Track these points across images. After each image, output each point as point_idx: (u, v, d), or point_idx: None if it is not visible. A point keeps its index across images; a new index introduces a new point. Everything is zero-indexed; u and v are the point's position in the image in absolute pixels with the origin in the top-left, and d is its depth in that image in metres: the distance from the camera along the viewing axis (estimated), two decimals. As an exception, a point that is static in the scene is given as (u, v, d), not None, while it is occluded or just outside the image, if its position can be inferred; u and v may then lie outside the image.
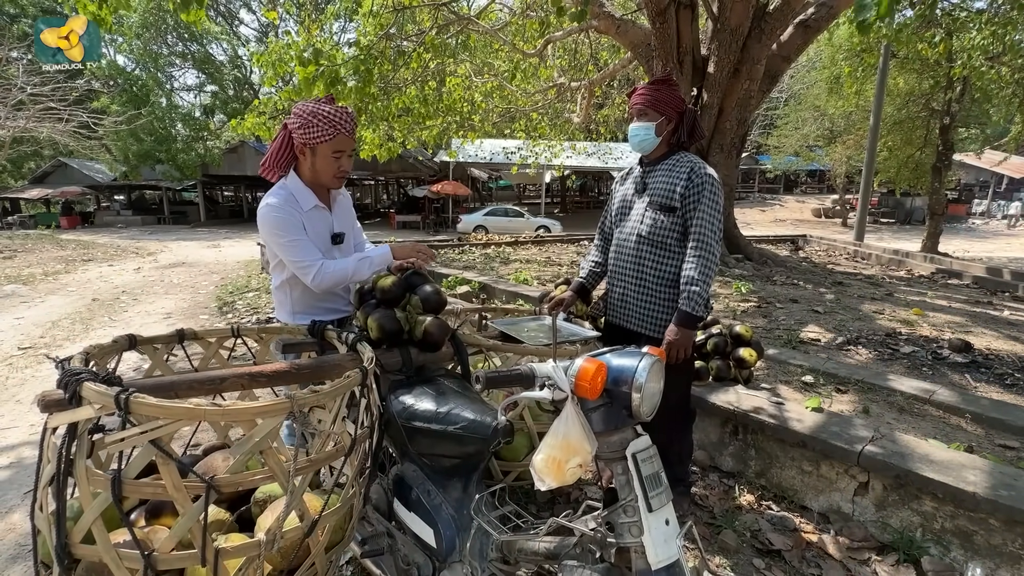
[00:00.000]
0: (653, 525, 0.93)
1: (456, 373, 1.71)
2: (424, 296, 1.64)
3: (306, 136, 1.56)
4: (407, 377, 1.57)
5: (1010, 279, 6.53)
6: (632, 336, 2.02)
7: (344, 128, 1.58)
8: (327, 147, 1.59)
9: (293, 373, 1.35)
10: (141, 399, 0.92)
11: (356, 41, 7.04)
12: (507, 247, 8.98)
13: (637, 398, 0.93)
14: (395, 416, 1.40)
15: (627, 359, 0.97)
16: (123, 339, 1.35)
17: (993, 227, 23.22)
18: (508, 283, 5.02)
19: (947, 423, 2.24)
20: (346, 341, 1.49)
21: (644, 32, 6.84)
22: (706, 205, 1.83)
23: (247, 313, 5.55)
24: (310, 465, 1.08)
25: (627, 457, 0.97)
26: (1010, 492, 1.58)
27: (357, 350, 1.43)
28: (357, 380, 1.19)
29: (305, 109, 1.56)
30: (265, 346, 1.69)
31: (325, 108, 1.57)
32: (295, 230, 1.61)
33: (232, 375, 1.24)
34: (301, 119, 1.55)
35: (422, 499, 1.39)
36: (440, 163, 21.16)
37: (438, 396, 1.42)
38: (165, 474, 0.93)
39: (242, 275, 8.33)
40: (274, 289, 1.80)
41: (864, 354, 3.27)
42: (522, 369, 0.93)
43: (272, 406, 0.99)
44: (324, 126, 1.55)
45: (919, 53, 10.35)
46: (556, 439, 0.87)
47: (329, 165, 1.63)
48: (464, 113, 9.73)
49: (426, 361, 1.66)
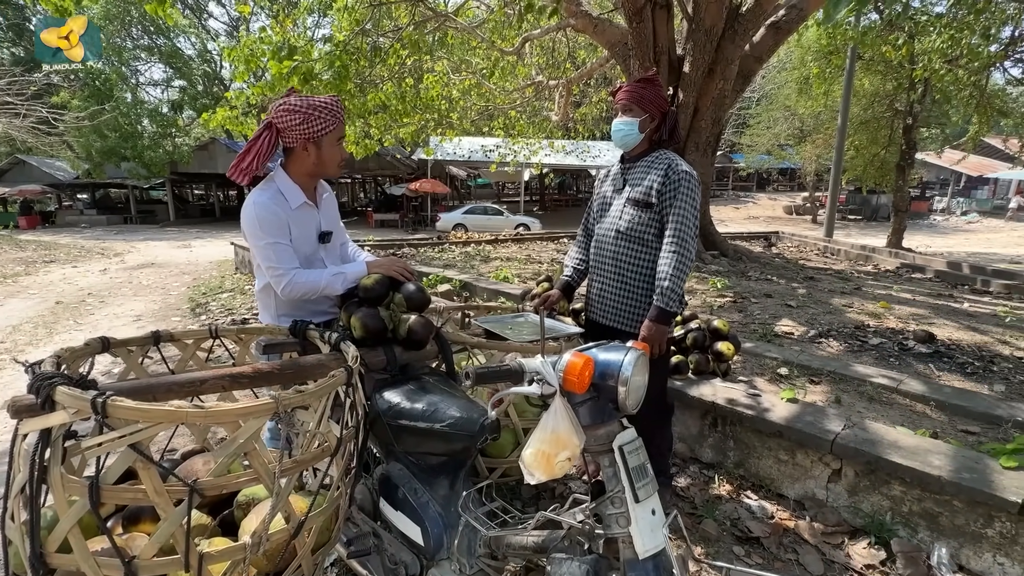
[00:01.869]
0: (640, 515, 0.95)
1: (440, 371, 1.71)
2: (408, 294, 1.63)
3: (311, 130, 1.53)
4: (391, 376, 1.56)
5: (969, 273, 6.83)
6: (610, 332, 2.05)
7: (341, 115, 1.58)
8: (332, 137, 1.58)
9: (275, 373, 1.33)
10: (119, 402, 0.89)
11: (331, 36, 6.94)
12: (487, 245, 8.97)
13: (623, 391, 0.95)
14: (381, 415, 1.39)
15: (613, 353, 0.99)
16: (96, 342, 1.31)
17: (953, 223, 24.20)
18: (489, 281, 5.02)
19: (914, 411, 2.33)
20: (329, 340, 1.47)
21: (621, 31, 6.91)
22: (682, 201, 1.86)
23: (221, 314, 5.42)
24: (295, 466, 1.07)
25: (614, 450, 0.98)
26: (972, 475, 1.67)
27: (340, 349, 1.42)
28: (342, 380, 1.18)
29: (301, 104, 1.52)
30: (245, 347, 1.65)
31: (320, 100, 1.55)
32: (278, 232, 1.57)
33: (212, 377, 1.22)
34: (300, 114, 1.51)
35: (409, 497, 1.39)
36: (418, 161, 20.98)
37: (424, 394, 1.42)
38: (146, 478, 0.90)
39: (215, 275, 8.12)
40: (258, 291, 1.76)
41: (835, 346, 3.38)
42: (510, 365, 0.94)
43: (256, 407, 0.98)
44: (327, 116, 1.53)
45: (883, 55, 10.73)
46: (545, 433, 0.88)
47: (335, 154, 1.62)
48: (442, 111, 9.67)
49: (410, 359, 1.65)
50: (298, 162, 1.62)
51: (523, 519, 1.28)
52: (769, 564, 1.75)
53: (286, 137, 1.57)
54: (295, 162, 1.62)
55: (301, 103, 1.53)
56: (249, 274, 7.73)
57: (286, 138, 1.57)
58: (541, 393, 0.90)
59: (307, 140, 1.55)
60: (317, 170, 1.63)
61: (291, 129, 1.54)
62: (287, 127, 1.54)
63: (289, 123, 1.53)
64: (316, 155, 1.59)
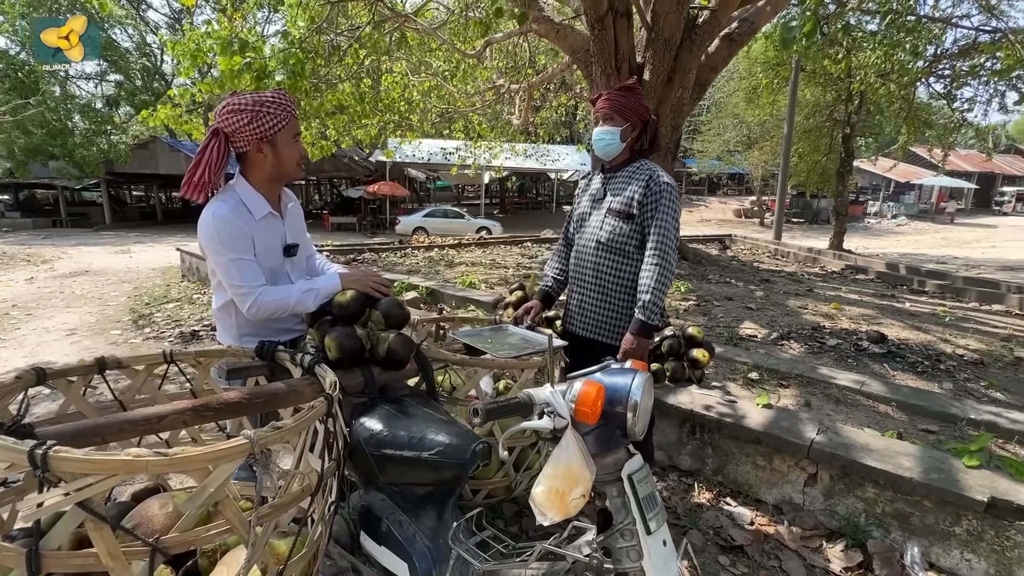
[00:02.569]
0: (652, 548, 0.90)
1: (421, 391, 1.62)
2: (386, 310, 1.53)
3: (262, 129, 1.40)
4: (370, 399, 1.46)
5: (906, 274, 7.31)
6: (589, 344, 2.02)
7: (292, 109, 1.45)
8: (286, 133, 1.45)
9: (244, 403, 1.20)
10: (64, 454, 0.77)
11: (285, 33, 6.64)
12: (450, 250, 8.84)
13: (632, 417, 0.90)
14: (362, 444, 1.29)
15: (618, 378, 0.94)
16: (29, 373, 1.15)
17: (885, 226, 25.95)
18: (456, 288, 4.92)
19: (876, 411, 2.43)
20: (302, 363, 1.36)
21: (583, 38, 6.97)
22: (664, 213, 1.85)
23: (168, 327, 5.06)
24: (274, 512, 0.96)
25: (623, 479, 0.94)
26: (940, 475, 1.73)
27: (315, 373, 1.31)
28: (322, 410, 1.08)
29: (245, 102, 1.38)
30: (204, 372, 1.51)
31: (266, 95, 1.42)
32: (241, 247, 1.43)
33: (172, 411, 1.09)
34: (247, 113, 1.37)
35: (393, 530, 1.30)
36: (376, 163, 20.52)
37: (407, 419, 1.33)
38: (98, 540, 0.78)
39: (159, 284, 7.60)
40: (216, 310, 1.61)
41: (797, 348, 3.50)
42: (520, 397, 0.87)
43: (229, 450, 0.86)
44: (277, 112, 1.40)
45: (824, 68, 11.37)
46: (557, 469, 0.82)
47: (293, 151, 1.49)
48: (402, 112, 9.47)
49: (389, 380, 1.55)
50: (255, 167, 1.48)
51: (519, 550, 1.21)
52: (754, 573, 1.75)
53: (236, 141, 1.43)
54: (252, 168, 1.49)
55: (245, 101, 1.39)
56: (198, 282, 7.28)
57: (237, 142, 1.43)
58: (554, 427, 0.84)
59: (260, 140, 1.42)
60: (277, 172, 1.50)
61: (240, 131, 1.40)
62: (235, 130, 1.40)
63: (236, 125, 1.39)
64: (272, 156, 1.46)
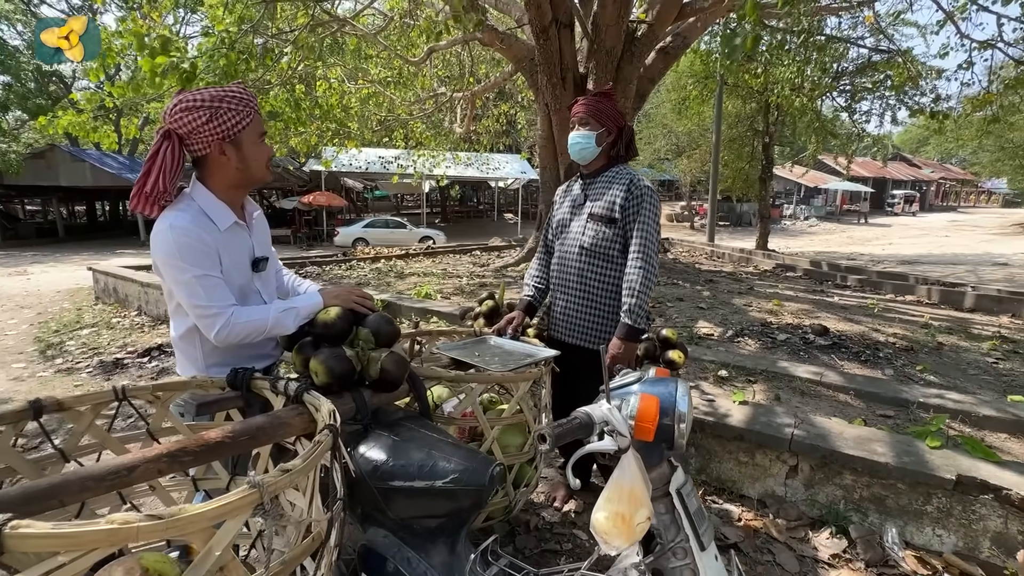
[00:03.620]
0: (708, 565, 0.86)
1: (414, 413, 1.51)
2: (375, 327, 1.40)
3: (223, 128, 1.23)
4: (364, 426, 1.33)
5: (828, 270, 7.94)
6: (575, 351, 1.99)
7: (255, 104, 1.29)
8: (251, 131, 1.28)
9: (228, 443, 1.04)
10: (25, 530, 0.61)
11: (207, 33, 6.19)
12: (398, 260, 8.58)
13: (682, 429, 0.86)
14: (364, 477, 1.16)
15: (660, 388, 0.90)
16: (-55, 427, 0.93)
17: (799, 227, 28.28)
18: (413, 299, 4.75)
19: (837, 400, 2.57)
20: (286, 391, 1.21)
21: (528, 47, 7.05)
22: (645, 217, 1.86)
23: (84, 356, 4.50)
24: (283, 569, 0.83)
25: (671, 494, 0.89)
26: (911, 458, 1.84)
27: (305, 402, 1.17)
28: (329, 445, 0.95)
29: (202, 97, 1.22)
30: (163, 409, 1.30)
31: (225, 89, 1.26)
32: (207, 262, 1.25)
33: (143, 460, 0.91)
34: (205, 110, 1.21)
35: (401, 570, 1.17)
36: (311, 173, 19.66)
37: (411, 445, 1.22)
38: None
39: (68, 308, 6.78)
40: (177, 339, 1.40)
41: (752, 344, 3.66)
42: (579, 418, 0.80)
43: (236, 503, 0.73)
44: (240, 108, 1.24)
45: (745, 82, 12.25)
46: (620, 492, 0.76)
47: (260, 151, 1.32)
48: (340, 120, 9.12)
49: (380, 403, 1.43)
50: (217, 172, 1.30)
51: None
52: (752, 570, 1.77)
53: (193, 144, 1.25)
54: (213, 173, 1.31)
55: (202, 96, 1.22)
56: (116, 303, 6.57)
57: (193, 145, 1.26)
58: (618, 447, 0.78)
59: (221, 141, 1.25)
60: (242, 177, 1.32)
61: (197, 132, 1.23)
62: (191, 130, 1.22)
63: (193, 125, 1.22)
64: (237, 158, 1.28)
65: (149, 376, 4.02)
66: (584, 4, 7.16)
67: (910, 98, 11.72)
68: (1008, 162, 24.34)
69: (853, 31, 11.59)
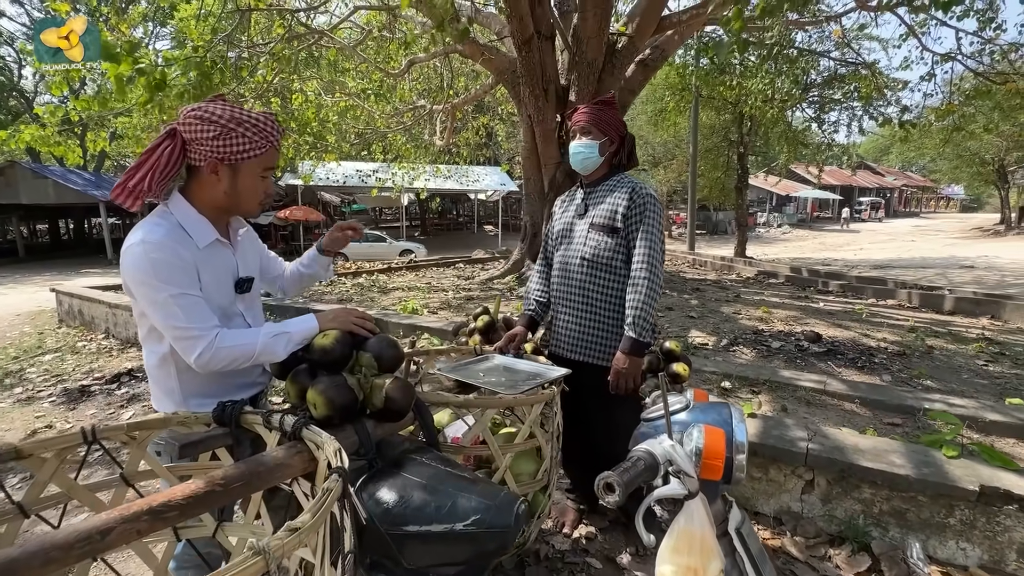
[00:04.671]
0: (776, 614, 0.77)
1: (420, 443, 1.39)
2: (377, 352, 1.28)
3: (227, 150, 1.12)
4: (369, 461, 1.20)
5: (808, 276, 8.06)
6: (578, 367, 1.90)
7: (275, 139, 1.17)
8: (255, 164, 1.16)
9: (220, 491, 0.91)
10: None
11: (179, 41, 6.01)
12: (381, 275, 8.40)
13: (741, 460, 0.77)
14: (375, 522, 1.04)
15: (713, 415, 0.81)
16: None
17: (772, 234, 28.99)
18: (400, 315, 4.60)
19: (843, 409, 2.53)
20: (282, 427, 1.09)
21: (510, 60, 7.04)
22: (649, 225, 1.79)
23: (46, 384, 4.20)
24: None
25: (730, 534, 0.80)
26: (930, 469, 1.79)
27: (304, 439, 1.05)
28: (339, 492, 0.83)
29: (221, 114, 1.11)
30: (139, 451, 1.16)
31: (249, 115, 1.15)
32: (185, 280, 1.12)
33: (120, 520, 0.78)
34: (217, 126, 1.10)
35: (416, 625, 1.05)
36: (287, 187, 19.30)
37: (424, 483, 1.10)
38: None
39: (29, 332, 6.40)
40: (151, 368, 1.26)
41: (748, 353, 3.63)
42: (642, 458, 0.70)
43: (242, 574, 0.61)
44: (255, 137, 1.13)
45: (720, 94, 12.53)
46: (689, 542, 0.66)
47: (255, 187, 1.19)
48: (316, 133, 8.95)
49: (384, 434, 1.30)
50: (203, 188, 1.19)
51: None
52: (777, 594, 1.69)
53: (193, 152, 1.14)
54: (199, 188, 1.19)
55: (221, 113, 1.12)
56: (81, 327, 6.23)
57: (192, 153, 1.14)
58: (687, 490, 0.68)
59: (219, 161, 1.14)
60: (228, 203, 1.20)
61: (201, 142, 1.12)
62: (196, 138, 1.12)
63: (199, 135, 1.11)
64: (229, 183, 1.17)
65: (118, 404, 3.77)
66: (565, 17, 7.21)
67: (875, 108, 12.18)
68: (966, 169, 25.51)
69: (820, 44, 12.01)
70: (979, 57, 9.09)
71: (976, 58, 9.02)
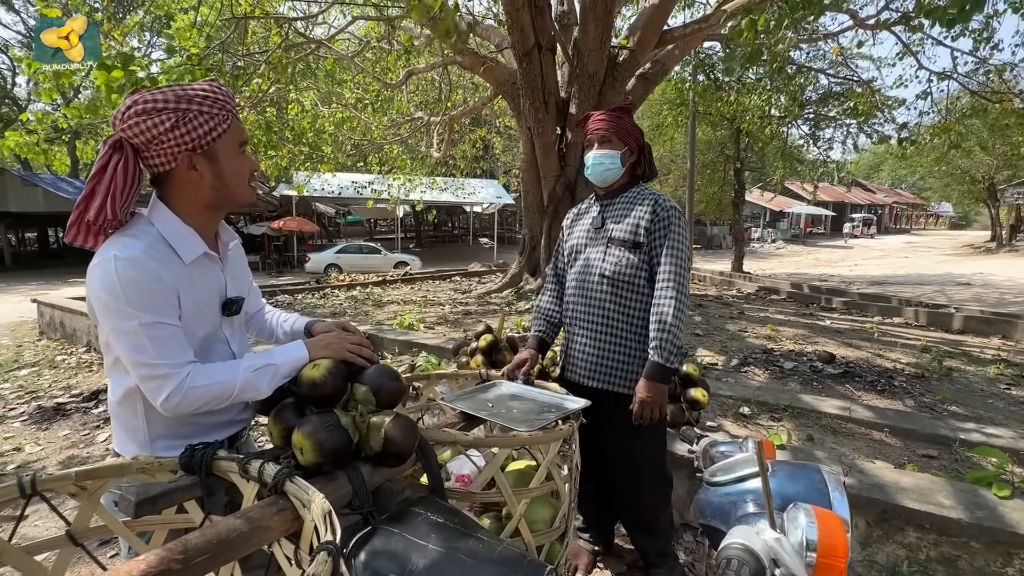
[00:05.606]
0: None
1: (422, 489, 1.21)
2: (375, 384, 1.10)
3: (194, 135, 0.95)
4: (364, 516, 1.02)
5: (810, 292, 7.95)
6: (593, 394, 1.72)
7: (233, 106, 1.01)
8: (230, 139, 1.00)
9: (177, 569, 0.73)
10: None
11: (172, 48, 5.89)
12: (375, 288, 8.21)
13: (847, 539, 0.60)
14: (373, 600, 0.85)
15: (806, 483, 0.64)
16: None
17: (767, 249, 29.10)
18: (396, 331, 4.42)
19: (872, 439, 2.37)
20: (261, 477, 0.91)
21: (509, 71, 6.97)
22: (674, 240, 1.65)
23: (19, 401, 3.97)
24: None
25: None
26: (984, 512, 1.63)
27: (288, 494, 0.87)
28: (328, 572, 0.66)
29: (164, 99, 0.93)
30: (91, 504, 0.97)
31: (195, 87, 0.97)
32: (159, 306, 0.94)
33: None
34: (170, 114, 0.92)
35: None
36: (281, 197, 19.14)
37: (431, 548, 0.91)
38: None
39: (6, 345, 6.13)
40: (114, 404, 1.08)
41: (760, 374, 3.47)
42: (743, 561, 0.53)
43: None
44: (213, 110, 0.96)
45: (718, 110, 12.58)
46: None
47: (241, 167, 1.03)
48: (312, 143, 8.83)
49: (381, 480, 1.12)
50: (186, 192, 1.01)
51: None
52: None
53: (153, 156, 0.96)
54: (181, 193, 1.01)
55: (165, 96, 0.93)
56: (62, 339, 5.98)
57: (154, 158, 0.96)
58: None
59: (191, 152, 0.96)
60: (219, 196, 1.03)
61: (158, 141, 0.94)
62: (151, 139, 0.93)
63: (153, 132, 0.93)
64: (212, 173, 0.99)
65: (94, 424, 3.54)
66: (566, 30, 7.16)
67: (869, 126, 12.27)
68: (956, 187, 25.81)
69: (814, 62, 12.12)
70: (974, 76, 9.16)
71: (972, 77, 9.10)
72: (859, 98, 10.45)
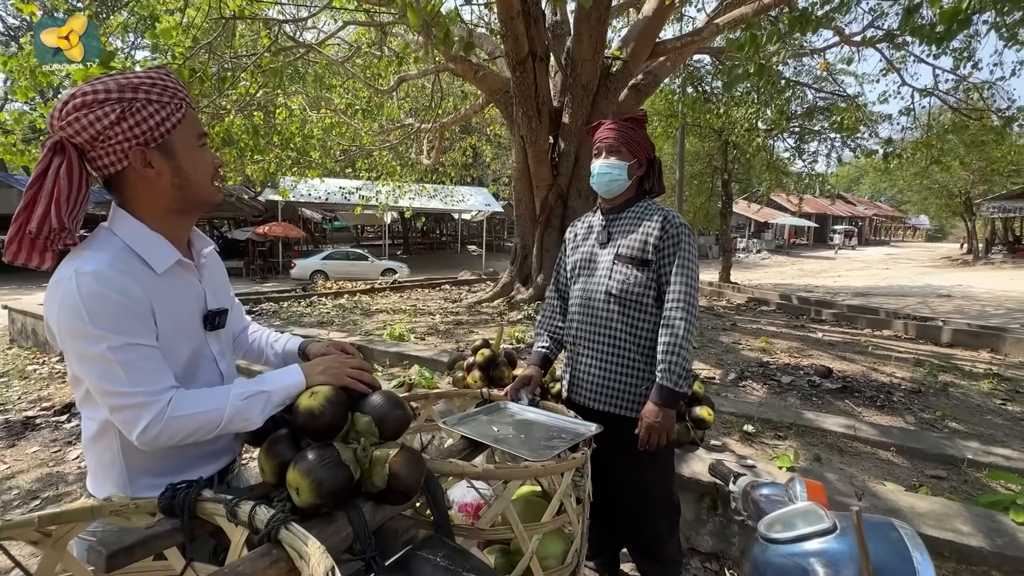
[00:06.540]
0: None
1: (426, 527, 1.11)
2: (379, 414, 1.01)
3: (145, 126, 0.84)
4: (366, 562, 0.92)
5: (799, 304, 8.00)
6: (600, 417, 1.64)
7: (185, 94, 0.91)
8: (186, 131, 0.89)
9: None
10: None
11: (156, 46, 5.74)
12: (363, 296, 8.05)
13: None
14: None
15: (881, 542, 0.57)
16: None
17: (752, 259, 29.49)
18: (387, 342, 4.29)
19: (879, 459, 2.32)
20: (251, 523, 0.81)
21: (503, 79, 6.94)
22: (683, 258, 1.58)
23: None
24: None
25: None
26: (1004, 539, 1.58)
27: (282, 542, 0.77)
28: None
29: (106, 88, 0.82)
30: (57, 551, 0.85)
31: (139, 75, 0.86)
32: (130, 325, 0.83)
33: None
34: (115, 105, 0.81)
35: None
36: (266, 202, 18.85)
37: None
38: None
39: (-27, 354, 5.85)
40: (87, 440, 0.96)
41: (759, 389, 3.43)
42: None
43: None
44: (163, 97, 0.86)
45: (707, 121, 12.73)
46: None
47: (202, 161, 0.92)
48: (299, 148, 8.68)
49: (384, 519, 1.02)
50: (144, 194, 0.89)
51: None
52: None
53: (101, 156, 0.85)
54: (139, 195, 0.89)
55: (107, 86, 0.82)
56: (35, 348, 5.73)
57: (101, 158, 0.85)
58: None
59: (143, 147, 0.85)
60: (181, 197, 0.91)
61: (103, 137, 0.82)
62: (96, 135, 0.82)
63: (97, 127, 0.81)
64: (170, 169, 0.88)
65: (65, 440, 3.36)
66: (559, 39, 7.16)
67: (853, 140, 12.52)
68: (934, 200, 26.48)
69: (800, 77, 12.35)
70: (954, 93, 9.39)
71: (952, 94, 9.32)
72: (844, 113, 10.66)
